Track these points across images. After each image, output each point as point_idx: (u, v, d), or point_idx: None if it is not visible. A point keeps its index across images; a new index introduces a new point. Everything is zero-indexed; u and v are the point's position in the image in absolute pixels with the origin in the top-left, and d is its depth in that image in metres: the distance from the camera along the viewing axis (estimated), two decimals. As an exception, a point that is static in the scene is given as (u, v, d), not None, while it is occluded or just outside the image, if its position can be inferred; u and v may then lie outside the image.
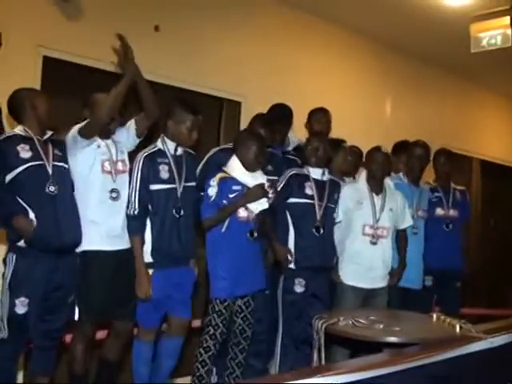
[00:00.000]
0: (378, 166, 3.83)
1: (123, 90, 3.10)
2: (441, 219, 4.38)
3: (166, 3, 4.62)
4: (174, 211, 3.25)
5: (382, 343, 2.58)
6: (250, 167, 3.38)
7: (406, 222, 3.99)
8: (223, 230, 3.30)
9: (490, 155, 6.95)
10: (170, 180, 3.27)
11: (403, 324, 2.75)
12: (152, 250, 3.23)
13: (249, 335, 3.42)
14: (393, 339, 2.54)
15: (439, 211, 4.39)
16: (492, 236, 7.97)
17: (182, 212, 3.27)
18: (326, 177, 3.77)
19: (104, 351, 3.31)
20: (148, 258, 3.23)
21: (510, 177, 8.78)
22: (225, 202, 3.28)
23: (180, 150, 3.35)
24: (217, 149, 3.83)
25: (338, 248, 3.82)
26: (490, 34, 5.30)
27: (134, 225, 3.20)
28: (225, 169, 3.37)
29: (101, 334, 3.37)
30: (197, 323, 3.65)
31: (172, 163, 3.29)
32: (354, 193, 3.84)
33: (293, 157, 4.07)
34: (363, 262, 3.75)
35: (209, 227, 3.32)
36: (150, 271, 3.22)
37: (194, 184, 3.40)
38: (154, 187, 3.23)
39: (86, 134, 3.06)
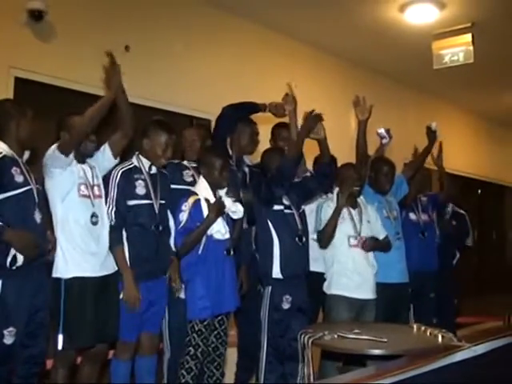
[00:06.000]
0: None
1: (107, 103, 3.04)
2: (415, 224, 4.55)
3: (135, 24, 4.65)
4: (152, 227, 3.26)
5: (368, 356, 2.62)
6: (216, 185, 3.39)
7: (382, 234, 4.05)
8: (200, 252, 3.28)
9: (453, 168, 7.11)
10: (148, 196, 3.29)
11: (387, 336, 2.78)
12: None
13: (222, 352, 3.40)
14: (379, 352, 2.58)
15: (412, 216, 4.57)
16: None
17: (161, 228, 3.29)
18: None
19: (80, 377, 3.17)
20: None
21: (473, 188, 8.96)
22: (198, 224, 3.26)
23: (154, 169, 3.37)
24: None
25: (326, 261, 3.84)
26: (452, 51, 5.47)
27: (114, 237, 3.19)
28: (194, 190, 3.38)
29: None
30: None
31: (148, 180, 3.31)
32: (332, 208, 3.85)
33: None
34: (354, 273, 3.77)
35: (184, 254, 3.30)
36: None
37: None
38: (131, 202, 3.24)
39: (65, 148, 2.97)
